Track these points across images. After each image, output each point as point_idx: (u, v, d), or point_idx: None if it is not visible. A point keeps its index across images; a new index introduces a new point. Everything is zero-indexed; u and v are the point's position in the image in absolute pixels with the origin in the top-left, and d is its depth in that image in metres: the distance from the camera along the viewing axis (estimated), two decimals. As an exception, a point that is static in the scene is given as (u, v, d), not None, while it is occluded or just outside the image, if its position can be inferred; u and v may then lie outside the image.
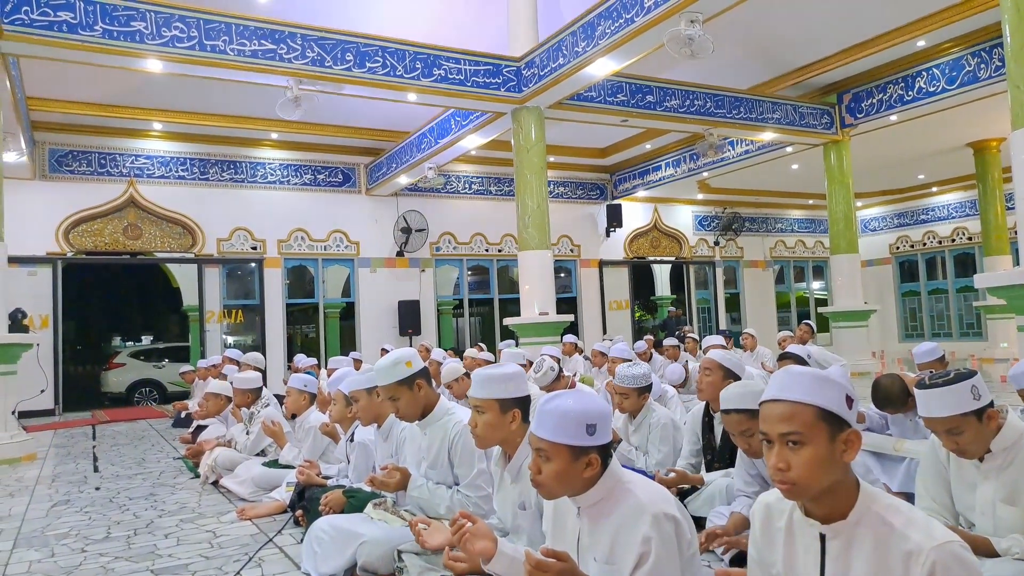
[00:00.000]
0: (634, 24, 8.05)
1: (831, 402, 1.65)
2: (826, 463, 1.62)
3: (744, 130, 12.42)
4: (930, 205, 20.26)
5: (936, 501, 2.76)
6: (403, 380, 3.29)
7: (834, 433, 1.64)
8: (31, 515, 4.88)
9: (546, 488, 2.08)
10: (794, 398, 1.66)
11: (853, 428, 1.66)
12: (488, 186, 16.53)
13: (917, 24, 10.62)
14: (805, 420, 1.64)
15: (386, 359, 3.38)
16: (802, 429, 1.63)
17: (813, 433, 1.63)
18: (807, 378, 1.69)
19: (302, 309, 17.33)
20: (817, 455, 1.62)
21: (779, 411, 1.67)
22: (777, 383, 1.72)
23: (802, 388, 1.67)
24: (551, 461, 2.03)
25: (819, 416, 1.64)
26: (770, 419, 1.69)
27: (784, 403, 1.67)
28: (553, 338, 10.27)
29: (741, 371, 3.99)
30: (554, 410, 2.05)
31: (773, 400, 1.70)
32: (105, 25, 7.82)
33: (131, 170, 13.20)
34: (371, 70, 9.24)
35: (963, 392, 2.46)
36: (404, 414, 3.36)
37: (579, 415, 2.03)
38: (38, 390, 8.76)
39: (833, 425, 1.64)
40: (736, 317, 20.20)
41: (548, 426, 2.04)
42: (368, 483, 3.45)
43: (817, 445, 1.62)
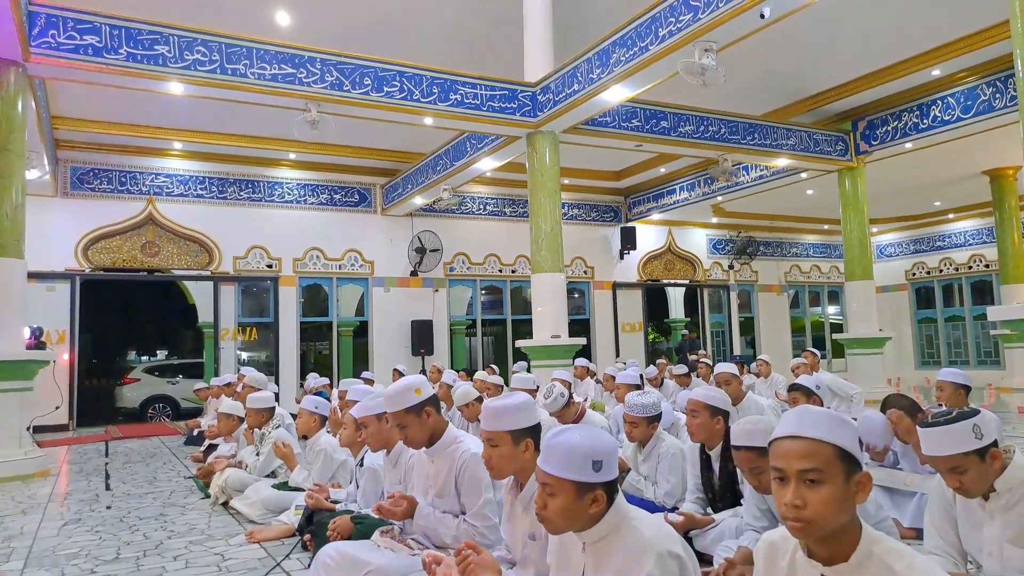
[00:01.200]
0: (648, 52, 8.12)
1: (848, 442, 1.67)
2: (841, 503, 1.63)
3: (758, 156, 12.44)
4: (946, 232, 20.17)
5: (944, 539, 2.74)
6: (411, 408, 3.31)
7: (850, 474, 1.65)
8: (43, 533, 4.92)
9: (551, 523, 2.08)
10: (815, 436, 1.67)
11: (865, 471, 1.69)
12: (502, 207, 16.61)
13: (932, 53, 10.66)
14: (826, 458, 1.65)
15: (395, 386, 3.41)
16: (822, 467, 1.64)
17: (832, 472, 1.64)
18: (826, 417, 1.70)
19: (316, 327, 17.40)
20: (834, 494, 1.63)
21: (798, 448, 1.67)
22: (795, 420, 1.72)
23: (823, 426, 1.67)
24: (556, 496, 2.03)
25: (838, 455, 1.65)
26: (788, 455, 1.68)
27: (804, 440, 1.67)
28: (565, 361, 10.26)
29: (728, 407, 3.97)
30: (561, 445, 2.06)
31: (791, 437, 1.70)
32: (129, 48, 7.97)
33: (150, 188, 13.38)
34: (389, 94, 9.34)
35: (965, 431, 2.45)
36: (412, 441, 3.38)
37: (586, 451, 2.02)
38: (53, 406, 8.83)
39: (849, 466, 1.66)
40: (751, 341, 20.12)
41: (554, 461, 2.04)
42: (375, 511, 3.46)
43: (835, 484, 1.63)
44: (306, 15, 9.95)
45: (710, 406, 3.89)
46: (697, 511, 3.98)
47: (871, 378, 13.05)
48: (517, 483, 2.78)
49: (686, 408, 4.00)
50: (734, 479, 3.86)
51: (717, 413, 3.89)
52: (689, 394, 6.59)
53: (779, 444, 1.72)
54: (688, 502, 4.08)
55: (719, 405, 3.91)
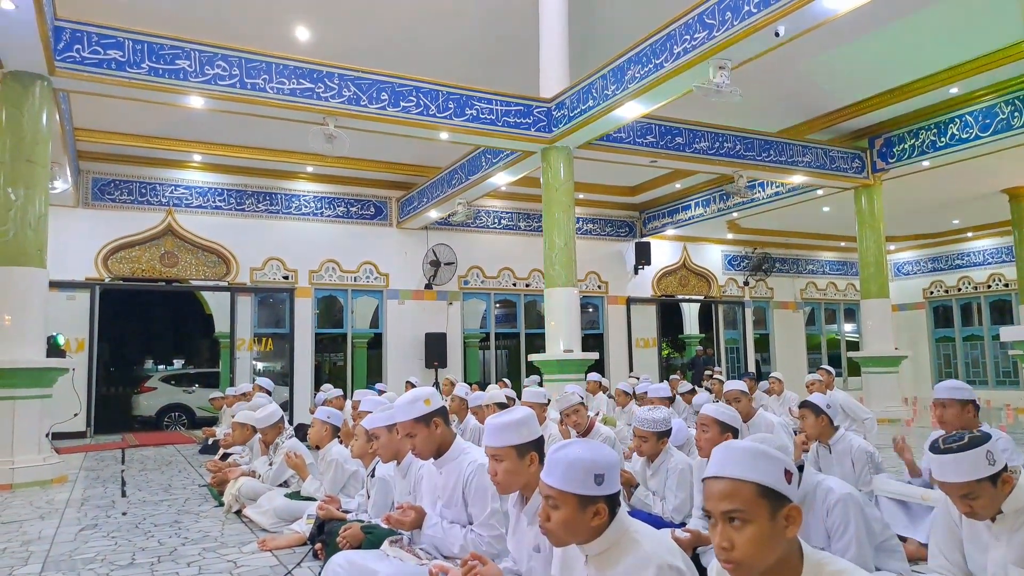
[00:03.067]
0: (663, 69, 8.17)
1: (769, 477, 1.64)
2: (769, 540, 1.61)
3: (774, 173, 12.44)
4: (965, 250, 20.03)
5: (949, 560, 2.73)
6: (420, 417, 3.37)
7: (775, 509, 1.62)
8: (60, 538, 4.99)
9: (554, 535, 2.11)
10: (733, 475, 1.65)
11: (794, 503, 1.65)
12: (517, 221, 16.69)
13: (950, 71, 10.66)
14: (746, 497, 1.62)
15: (405, 396, 3.46)
16: (743, 507, 1.62)
17: (754, 511, 1.61)
18: (745, 454, 1.67)
19: (331, 338, 17.50)
20: (760, 533, 1.60)
21: (719, 489, 1.66)
22: (717, 459, 1.70)
23: (740, 464, 1.65)
24: (559, 509, 2.06)
25: (758, 493, 1.62)
26: (712, 497, 1.67)
27: (723, 480, 1.66)
28: (577, 375, 10.28)
29: (738, 424, 3.99)
30: (563, 458, 2.07)
31: (714, 477, 1.68)
32: (151, 63, 8.12)
33: (170, 200, 13.56)
34: (405, 109, 9.45)
35: (978, 458, 2.44)
36: (420, 451, 3.42)
37: (588, 464, 2.04)
38: (71, 413, 8.94)
39: (774, 501, 1.63)
40: (766, 358, 20.03)
41: (557, 474, 2.06)
42: (384, 522, 3.50)
43: (759, 523, 1.61)
44: (325, 31, 10.10)
45: (720, 422, 3.90)
46: (704, 527, 3.98)
47: (887, 397, 12.98)
48: (522, 496, 2.80)
49: (697, 422, 4.02)
50: (742, 496, 3.87)
51: (727, 430, 3.90)
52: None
53: (706, 484, 1.71)
54: (695, 518, 4.09)
55: (729, 422, 3.92)
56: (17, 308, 7.47)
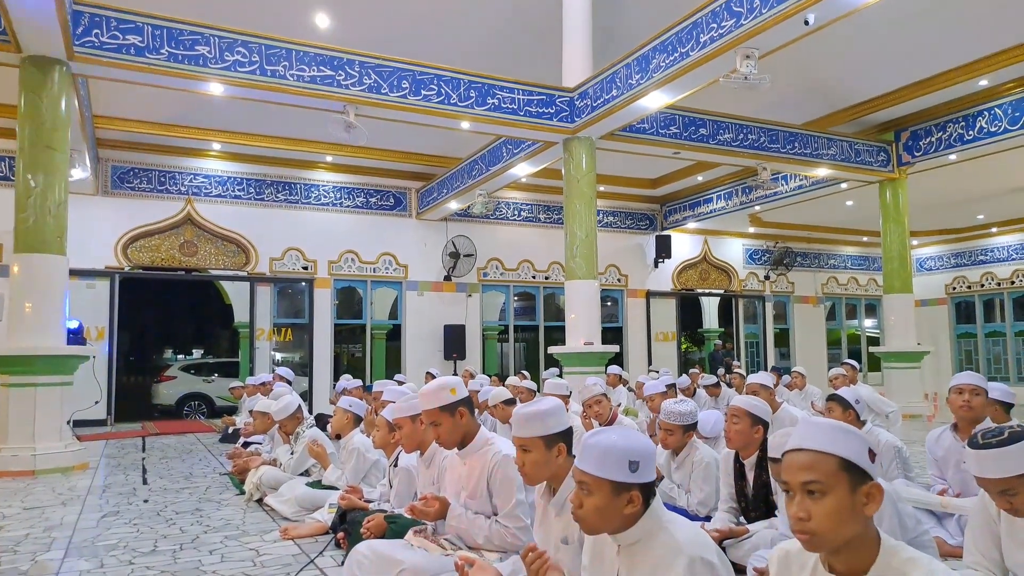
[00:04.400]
0: (689, 58, 8.06)
1: (853, 453, 1.64)
2: (847, 514, 1.61)
3: (798, 165, 12.28)
4: (989, 246, 19.75)
5: (985, 556, 2.67)
6: (446, 406, 3.34)
7: (856, 484, 1.63)
8: (82, 524, 4.98)
9: (587, 522, 2.08)
10: (816, 447, 1.65)
11: (875, 481, 1.65)
12: (537, 213, 16.60)
13: (979, 63, 10.45)
14: (827, 469, 1.63)
15: (431, 384, 3.44)
16: (823, 478, 1.62)
17: (834, 483, 1.62)
18: (829, 428, 1.68)
19: (350, 329, 17.50)
20: (838, 505, 1.61)
21: (801, 460, 1.67)
22: (800, 433, 1.72)
23: (824, 438, 1.66)
24: (593, 495, 2.04)
25: (841, 466, 1.63)
26: (792, 468, 1.68)
27: (806, 452, 1.66)
28: (597, 368, 10.22)
29: (769, 416, 3.92)
30: (598, 444, 2.07)
31: (795, 449, 1.69)
32: (171, 49, 8.09)
33: (189, 188, 13.57)
34: (426, 98, 9.38)
35: (1019, 453, 2.39)
36: (444, 440, 3.40)
37: (623, 451, 2.04)
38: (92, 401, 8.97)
39: (855, 476, 1.63)
40: (785, 352, 19.87)
41: (591, 460, 2.05)
42: (408, 512, 3.46)
43: (838, 495, 1.61)
44: (345, 18, 10.05)
45: (752, 414, 3.83)
46: (729, 520, 3.92)
47: (908, 393, 12.84)
48: (550, 487, 2.77)
49: (728, 413, 3.95)
50: (768, 489, 3.81)
51: (758, 422, 3.84)
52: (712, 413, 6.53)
53: (786, 457, 1.72)
54: (720, 511, 4.03)
55: (761, 415, 3.85)
56: (38, 295, 7.50)
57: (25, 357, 7.30)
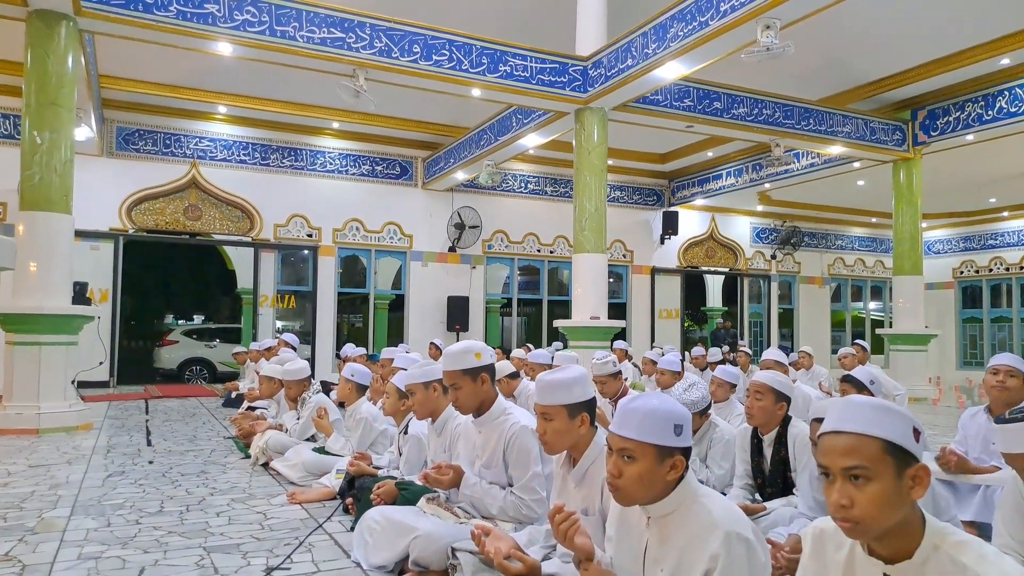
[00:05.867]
0: (708, 27, 7.89)
1: (898, 434, 1.53)
2: (893, 500, 1.51)
3: (812, 143, 12.12)
4: (999, 230, 19.62)
5: (1015, 538, 2.61)
6: (469, 370, 3.29)
7: (901, 468, 1.52)
8: (88, 484, 4.93)
9: (624, 492, 2.01)
10: (858, 430, 1.54)
11: (921, 463, 1.54)
12: (544, 186, 16.45)
13: (1001, 41, 10.25)
14: (870, 454, 1.52)
15: (457, 345, 3.39)
16: (867, 463, 1.52)
17: (879, 468, 1.51)
18: (871, 408, 1.56)
19: (352, 298, 17.44)
20: (883, 492, 1.50)
21: (842, 443, 1.55)
22: (838, 413, 1.59)
23: (867, 419, 1.54)
24: (636, 461, 1.98)
25: (885, 450, 1.52)
26: (831, 452, 1.56)
27: (847, 435, 1.55)
28: (603, 343, 10.15)
29: (791, 392, 3.84)
30: (640, 408, 2.01)
31: (834, 432, 1.57)
32: (179, 6, 7.94)
33: (194, 152, 13.42)
34: (437, 63, 9.23)
35: None
36: (461, 404, 3.34)
37: (667, 414, 1.99)
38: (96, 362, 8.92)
39: (900, 459, 1.52)
40: (788, 333, 19.80)
41: (634, 425, 1.99)
42: (421, 480, 3.41)
43: (883, 481, 1.51)
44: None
45: (776, 390, 3.74)
46: (746, 497, 3.86)
47: (914, 376, 12.77)
48: (570, 458, 2.71)
49: (749, 389, 3.86)
50: (786, 466, 3.75)
51: (782, 399, 3.76)
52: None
53: (823, 440, 1.60)
54: (735, 487, 3.98)
55: (785, 390, 3.77)
56: (43, 254, 7.42)
57: (30, 316, 7.24)
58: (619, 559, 2.20)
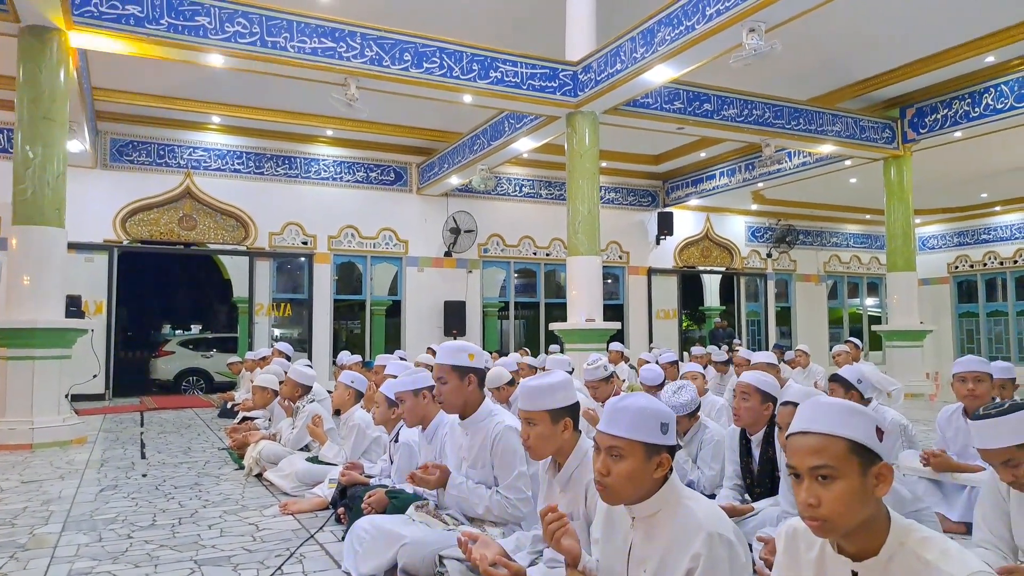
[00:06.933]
0: (695, 31, 7.93)
1: (862, 434, 1.58)
2: (858, 498, 1.56)
3: (803, 142, 12.17)
4: (992, 225, 19.67)
5: (994, 534, 2.67)
6: (458, 367, 3.35)
7: (866, 467, 1.57)
8: (80, 498, 4.95)
9: (612, 490, 2.05)
10: (824, 430, 1.59)
11: (885, 461, 1.60)
12: (538, 189, 16.49)
13: (986, 40, 10.33)
14: (836, 453, 1.57)
15: (453, 342, 3.48)
16: (833, 463, 1.57)
17: (845, 467, 1.56)
18: (836, 409, 1.62)
19: (349, 305, 17.44)
20: (849, 490, 1.55)
21: (808, 444, 1.60)
22: (806, 415, 1.65)
23: (832, 419, 1.60)
24: (624, 459, 2.02)
25: (851, 449, 1.57)
26: (799, 452, 1.62)
27: (813, 435, 1.60)
28: (599, 345, 10.18)
29: (778, 392, 3.87)
30: (628, 407, 2.06)
31: (802, 432, 1.63)
32: (170, 19, 7.97)
33: (188, 162, 13.46)
34: (428, 70, 9.27)
35: (1019, 422, 2.38)
36: (446, 400, 3.37)
37: (654, 412, 2.04)
38: (91, 375, 8.93)
39: (865, 458, 1.57)
40: (786, 331, 19.84)
41: (623, 423, 2.03)
42: (409, 480, 3.44)
43: (849, 480, 1.56)
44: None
45: (762, 391, 3.78)
46: (735, 498, 3.89)
47: (910, 371, 12.83)
48: (555, 463, 2.74)
49: (735, 390, 3.90)
50: (773, 465, 3.78)
51: (768, 399, 3.79)
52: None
53: (791, 441, 1.65)
54: (725, 488, 4.01)
55: (770, 391, 3.80)
56: (35, 268, 7.45)
57: (23, 330, 7.25)
58: (604, 560, 2.24)
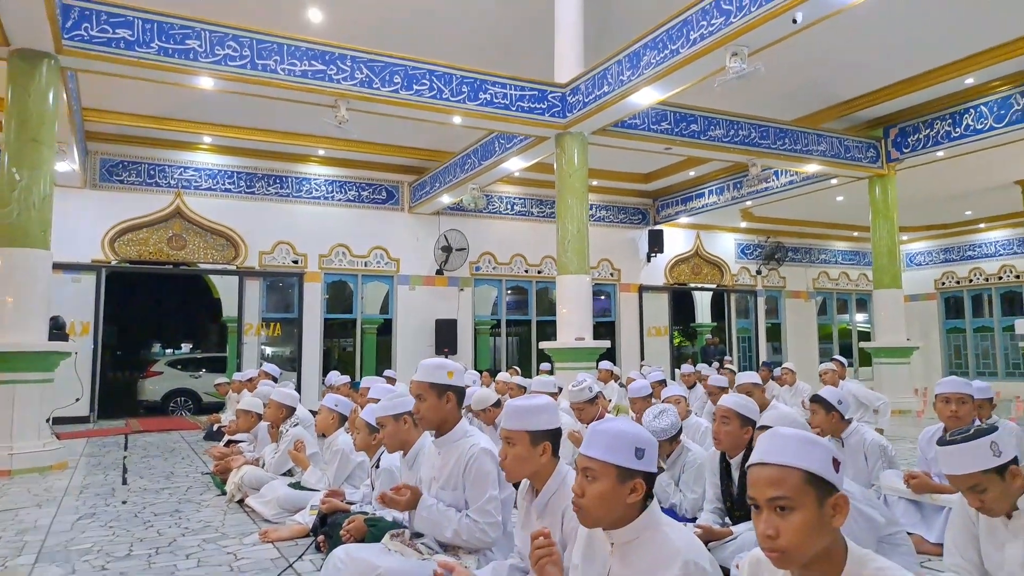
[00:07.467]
0: (679, 55, 8.01)
1: (818, 465, 1.61)
2: (815, 529, 1.58)
3: (788, 161, 12.26)
4: (977, 241, 19.84)
5: (964, 558, 2.70)
6: (436, 384, 3.31)
7: (822, 497, 1.60)
8: (56, 527, 4.89)
9: (586, 511, 2.07)
10: (781, 461, 1.62)
11: (841, 492, 1.62)
12: (530, 207, 16.54)
13: (966, 61, 10.48)
14: (793, 484, 1.60)
15: (433, 360, 3.43)
16: (790, 494, 1.59)
17: (801, 498, 1.59)
18: (793, 440, 1.64)
19: (340, 324, 17.41)
20: (806, 521, 1.58)
21: (766, 475, 1.63)
22: (764, 446, 1.68)
23: (788, 451, 1.63)
24: (597, 481, 2.05)
25: (807, 480, 1.60)
26: (757, 483, 1.65)
27: (771, 467, 1.63)
28: (588, 364, 10.18)
29: (757, 416, 3.89)
30: (606, 430, 2.09)
31: (760, 464, 1.66)
32: (161, 43, 8.01)
33: (179, 182, 13.47)
34: (418, 92, 9.32)
35: (983, 449, 2.42)
36: (423, 417, 3.34)
37: (630, 437, 2.06)
38: (73, 398, 8.85)
39: (821, 490, 1.60)
40: (777, 347, 19.89)
41: (599, 445, 2.06)
42: (379, 500, 3.41)
43: (806, 511, 1.58)
44: (339, 12, 9.96)
45: (742, 415, 3.81)
46: (715, 521, 3.90)
47: (898, 388, 12.89)
48: (533, 488, 2.75)
49: (716, 414, 3.92)
50: (753, 489, 3.78)
51: (747, 423, 3.82)
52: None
53: (751, 472, 1.68)
54: (706, 511, 4.01)
55: (750, 415, 3.83)
56: (19, 290, 7.39)
57: (5, 354, 7.17)
58: (583, 585, 2.25)
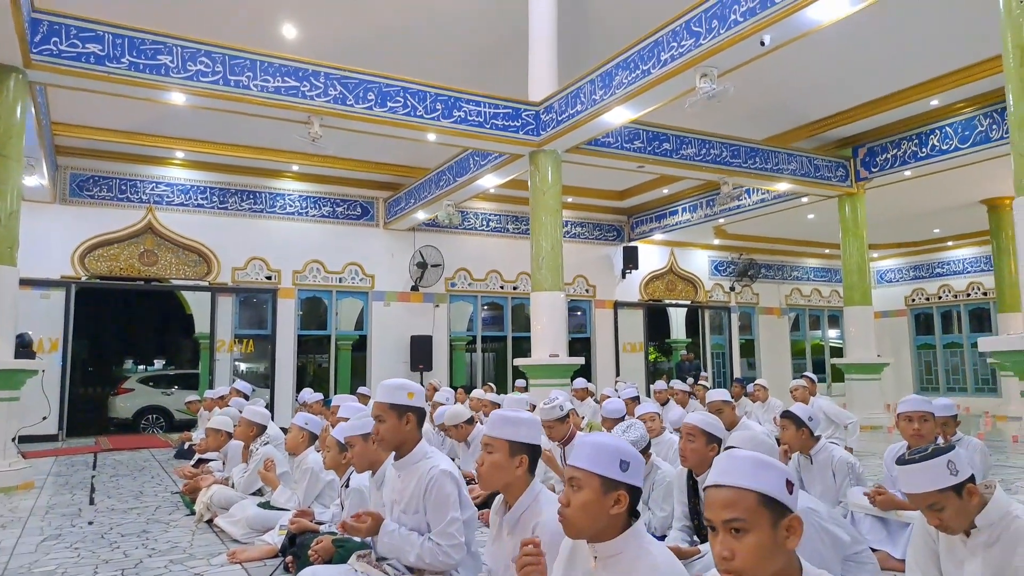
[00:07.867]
0: (650, 76, 8.13)
1: (771, 487, 1.63)
2: (770, 550, 1.61)
3: (759, 180, 12.43)
4: (946, 259, 20.17)
5: (924, 574, 2.72)
6: (396, 405, 3.26)
7: (776, 519, 1.62)
8: (20, 549, 4.82)
9: (570, 521, 2.09)
10: (735, 483, 1.64)
11: (795, 514, 1.64)
12: (505, 224, 16.60)
13: (930, 84, 10.74)
14: (747, 506, 1.62)
15: (393, 380, 3.38)
16: (744, 515, 1.61)
17: (756, 520, 1.61)
18: (748, 463, 1.67)
19: (315, 340, 17.30)
20: (760, 543, 1.60)
21: (721, 497, 1.65)
22: (719, 467, 1.70)
23: (742, 473, 1.65)
24: (582, 491, 2.07)
25: (761, 502, 1.62)
26: (713, 505, 1.67)
27: (725, 488, 1.65)
28: (563, 380, 10.20)
29: (723, 434, 3.93)
30: (592, 441, 2.13)
31: (715, 485, 1.68)
32: (132, 58, 7.97)
33: (150, 197, 13.36)
34: (392, 109, 9.35)
35: (939, 468, 2.44)
36: (383, 438, 3.27)
37: (615, 449, 2.09)
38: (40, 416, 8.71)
39: (775, 511, 1.62)
40: (752, 363, 20.05)
41: (584, 455, 2.10)
42: (340, 528, 3.39)
43: (760, 532, 1.61)
44: (313, 29, 9.98)
45: (707, 432, 3.84)
46: (684, 539, 3.92)
47: (869, 404, 13.02)
48: (505, 503, 2.76)
49: (682, 431, 3.95)
50: (720, 507, 3.81)
51: (713, 440, 3.85)
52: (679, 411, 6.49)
53: (707, 494, 1.70)
54: (675, 529, 4.03)
55: (716, 432, 3.86)
56: (-15, 307, 7.28)
57: (-29, 372, 7.08)
58: (565, 599, 2.27)
